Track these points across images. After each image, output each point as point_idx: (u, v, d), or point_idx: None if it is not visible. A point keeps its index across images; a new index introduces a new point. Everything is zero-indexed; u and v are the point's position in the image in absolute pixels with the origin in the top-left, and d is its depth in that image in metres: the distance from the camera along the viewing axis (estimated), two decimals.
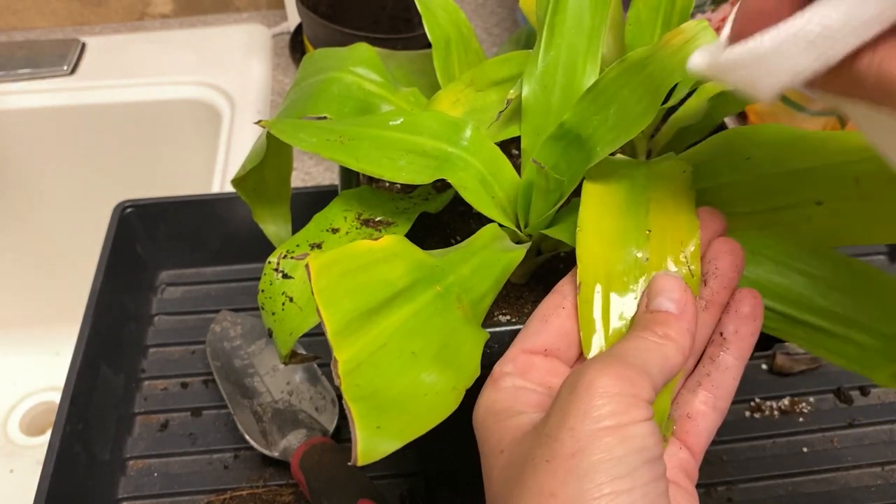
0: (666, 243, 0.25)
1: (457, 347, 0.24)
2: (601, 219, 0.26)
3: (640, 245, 0.26)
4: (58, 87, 0.76)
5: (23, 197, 0.82)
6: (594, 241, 0.26)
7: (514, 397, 0.24)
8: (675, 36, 0.27)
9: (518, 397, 0.24)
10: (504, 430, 0.23)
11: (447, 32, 0.36)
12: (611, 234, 0.26)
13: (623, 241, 0.26)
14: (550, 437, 0.21)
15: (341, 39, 0.63)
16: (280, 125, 0.30)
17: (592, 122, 0.29)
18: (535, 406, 0.24)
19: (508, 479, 0.22)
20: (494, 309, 0.31)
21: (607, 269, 0.25)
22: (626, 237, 0.26)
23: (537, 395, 0.24)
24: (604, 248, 0.26)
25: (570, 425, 0.21)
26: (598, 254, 0.26)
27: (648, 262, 0.25)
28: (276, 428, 0.47)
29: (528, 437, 0.22)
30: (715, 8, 0.66)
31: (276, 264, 0.29)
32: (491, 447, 0.23)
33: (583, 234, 0.26)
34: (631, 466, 0.20)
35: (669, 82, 0.27)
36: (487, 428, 0.24)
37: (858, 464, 0.48)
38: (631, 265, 0.25)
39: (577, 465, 0.20)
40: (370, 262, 0.25)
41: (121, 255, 0.53)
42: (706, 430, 0.25)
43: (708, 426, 0.26)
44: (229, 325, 0.53)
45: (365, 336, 0.23)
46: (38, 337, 0.87)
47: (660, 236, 0.26)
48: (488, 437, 0.24)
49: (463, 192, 0.29)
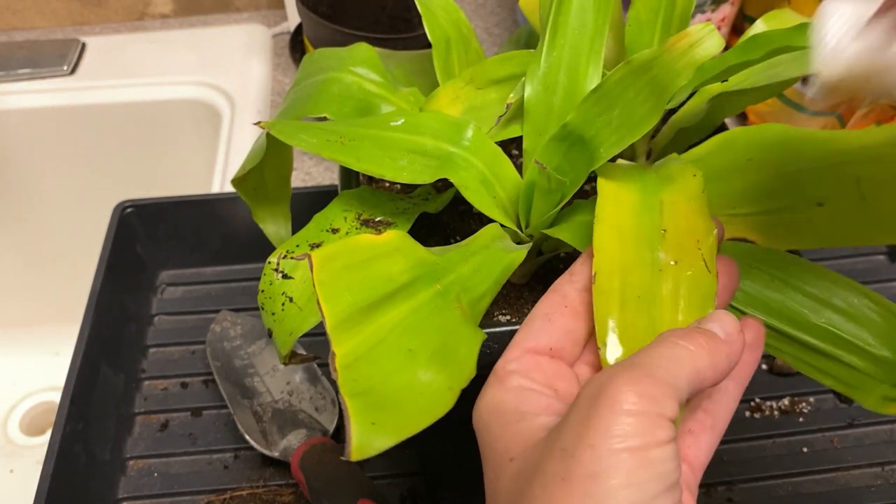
0: (683, 243, 0.25)
1: (454, 347, 0.24)
2: (618, 214, 0.26)
3: (656, 243, 0.25)
4: (58, 87, 0.76)
5: (23, 197, 0.82)
6: (611, 235, 0.25)
7: (522, 398, 0.23)
8: (680, 39, 0.27)
9: (525, 399, 0.23)
10: (513, 434, 0.23)
11: (447, 32, 0.36)
12: (628, 230, 0.26)
13: (638, 238, 0.25)
14: (567, 453, 0.20)
15: (341, 39, 0.63)
16: (280, 126, 0.30)
17: (596, 123, 0.29)
18: (544, 410, 0.23)
19: (519, 492, 0.21)
20: (494, 309, 0.31)
21: (624, 263, 0.25)
22: (640, 235, 0.25)
23: (546, 399, 0.23)
24: (622, 243, 0.25)
25: (590, 442, 0.20)
26: (616, 248, 0.25)
27: (665, 259, 0.25)
28: (276, 428, 0.47)
29: (540, 447, 0.21)
30: (715, 8, 0.66)
31: (276, 264, 0.29)
32: (498, 452, 0.23)
33: (601, 227, 0.25)
34: (651, 494, 0.19)
35: (675, 86, 0.27)
36: (492, 430, 0.23)
37: (858, 464, 0.48)
38: (648, 262, 0.25)
39: (596, 489, 0.19)
40: (372, 256, 0.25)
41: (121, 255, 0.53)
42: (707, 445, 0.25)
43: (708, 443, 0.25)
44: (229, 325, 0.53)
45: (364, 331, 0.23)
46: (38, 337, 0.87)
47: (675, 236, 0.25)
48: (494, 441, 0.23)
49: (464, 192, 0.29)
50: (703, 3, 0.65)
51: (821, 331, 0.26)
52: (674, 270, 0.25)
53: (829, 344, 0.25)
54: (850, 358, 0.25)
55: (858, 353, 0.25)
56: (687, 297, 0.24)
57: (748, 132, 0.30)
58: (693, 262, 0.25)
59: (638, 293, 0.24)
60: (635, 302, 0.24)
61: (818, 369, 0.26)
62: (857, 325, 0.25)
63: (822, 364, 0.26)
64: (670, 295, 0.24)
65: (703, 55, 0.27)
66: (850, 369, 0.25)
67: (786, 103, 0.66)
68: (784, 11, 0.37)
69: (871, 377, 0.25)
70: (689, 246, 0.25)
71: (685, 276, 0.24)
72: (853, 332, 0.25)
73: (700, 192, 0.26)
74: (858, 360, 0.25)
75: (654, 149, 0.38)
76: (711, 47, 0.27)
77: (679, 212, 0.26)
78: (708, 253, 0.25)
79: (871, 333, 0.25)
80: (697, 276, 0.24)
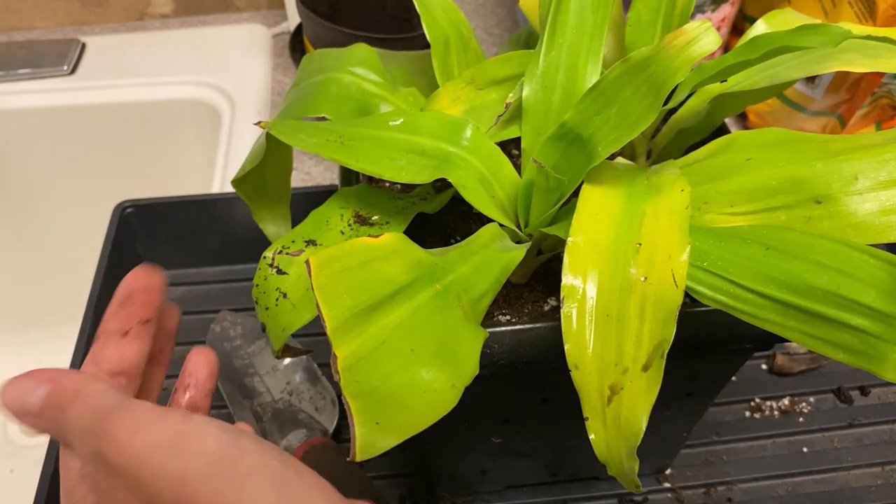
0: (654, 258, 0.25)
1: (456, 345, 0.25)
2: (595, 228, 0.26)
3: (630, 258, 0.25)
4: (58, 87, 0.76)
5: (23, 197, 0.82)
6: (587, 251, 0.26)
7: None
8: (677, 37, 0.27)
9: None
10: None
11: (446, 33, 0.36)
12: (605, 245, 0.26)
13: (614, 256, 0.26)
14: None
15: (341, 39, 0.63)
16: (279, 126, 0.30)
17: (594, 122, 0.29)
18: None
19: None
20: (494, 309, 0.31)
21: (598, 281, 0.25)
22: (616, 252, 0.26)
23: None
24: (593, 260, 0.26)
25: None
26: (588, 265, 0.26)
27: (636, 275, 0.25)
28: (276, 428, 0.47)
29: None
30: (715, 8, 0.66)
31: (272, 260, 0.29)
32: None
33: (575, 244, 0.26)
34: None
35: (671, 83, 0.27)
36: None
37: (858, 464, 0.48)
38: (619, 282, 0.25)
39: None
40: (370, 259, 0.25)
41: (121, 255, 0.53)
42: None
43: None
44: (229, 325, 0.53)
45: (364, 332, 0.23)
46: (38, 337, 0.87)
47: (649, 250, 0.25)
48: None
49: (463, 191, 0.29)
50: (703, 3, 0.65)
51: (824, 294, 0.24)
52: (642, 287, 0.25)
53: (833, 308, 0.24)
54: (858, 321, 0.23)
55: (866, 313, 0.23)
56: (652, 312, 0.25)
57: (748, 134, 0.30)
58: (661, 277, 0.25)
59: (607, 312, 0.25)
60: (604, 321, 0.25)
61: (826, 341, 0.24)
62: (861, 283, 0.24)
63: (829, 334, 0.24)
64: (637, 312, 0.25)
65: (700, 52, 0.27)
66: (860, 334, 0.23)
67: (786, 103, 0.66)
68: (785, 11, 0.37)
69: (883, 340, 0.23)
70: (660, 261, 0.25)
71: (651, 291, 0.25)
72: (859, 290, 0.24)
73: (684, 207, 0.26)
74: (868, 323, 0.23)
75: (654, 149, 0.38)
76: (708, 44, 0.27)
77: (658, 226, 0.26)
78: (677, 267, 0.25)
79: (878, 290, 0.23)
80: (663, 292, 0.24)
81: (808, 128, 0.66)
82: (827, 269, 0.24)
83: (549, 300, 0.32)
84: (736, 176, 0.29)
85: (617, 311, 0.25)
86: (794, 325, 0.24)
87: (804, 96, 0.64)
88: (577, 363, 0.25)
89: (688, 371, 0.36)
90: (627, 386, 0.24)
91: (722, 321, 0.27)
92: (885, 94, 0.64)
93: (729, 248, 0.26)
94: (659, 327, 0.24)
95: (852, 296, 0.24)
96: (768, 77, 0.33)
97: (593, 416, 0.25)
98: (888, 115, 0.66)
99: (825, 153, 0.28)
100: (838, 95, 0.63)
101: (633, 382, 0.24)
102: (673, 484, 0.47)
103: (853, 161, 0.27)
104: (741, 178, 0.29)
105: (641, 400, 0.24)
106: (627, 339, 0.25)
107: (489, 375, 0.28)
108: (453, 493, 0.46)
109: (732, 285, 0.25)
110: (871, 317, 0.23)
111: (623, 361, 0.25)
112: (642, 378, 0.24)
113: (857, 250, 0.24)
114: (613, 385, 0.25)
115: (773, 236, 0.26)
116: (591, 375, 0.25)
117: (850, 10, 0.58)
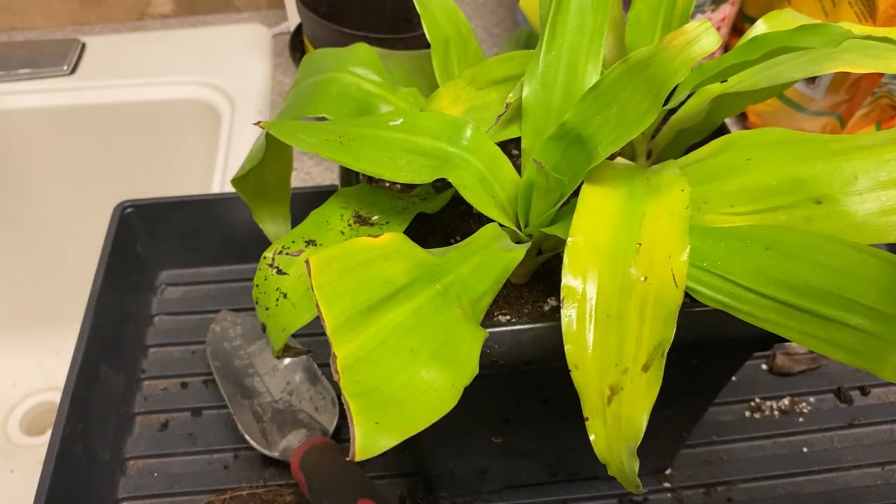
0: (654, 258, 0.25)
1: (456, 345, 0.25)
2: (595, 228, 0.26)
3: (630, 258, 0.25)
4: (58, 87, 0.76)
5: (23, 197, 0.82)
6: (587, 252, 0.26)
7: None
8: (677, 37, 0.27)
9: None
10: None
11: (446, 32, 0.36)
12: (605, 246, 0.26)
13: (613, 256, 0.26)
14: None
15: (341, 39, 0.63)
16: (279, 126, 0.30)
17: (594, 122, 0.29)
18: None
19: None
20: (494, 309, 0.31)
21: (598, 281, 0.25)
22: (616, 252, 0.26)
23: None
24: (593, 260, 0.26)
25: None
26: (588, 265, 0.26)
27: (636, 275, 0.25)
28: (276, 428, 0.47)
29: None
30: (715, 8, 0.66)
31: (272, 260, 0.29)
32: None
33: (575, 244, 0.26)
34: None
35: (671, 83, 0.27)
36: None
37: (858, 464, 0.48)
38: (619, 282, 0.25)
39: None
40: (370, 259, 0.25)
41: (121, 255, 0.53)
42: None
43: None
44: (229, 325, 0.53)
45: (364, 332, 0.23)
46: (38, 337, 0.87)
47: (649, 250, 0.25)
48: None
49: (463, 191, 0.29)
50: (703, 4, 0.65)
51: (824, 294, 0.24)
52: (642, 287, 0.25)
53: (833, 308, 0.24)
54: (858, 321, 0.23)
55: (866, 313, 0.23)
56: (652, 312, 0.25)
57: (748, 134, 0.30)
58: (661, 277, 0.25)
59: (607, 312, 0.25)
60: (604, 321, 0.25)
61: (826, 341, 0.24)
62: (861, 283, 0.24)
63: (829, 334, 0.24)
64: (637, 312, 0.25)
65: (700, 52, 0.27)
66: (861, 334, 0.23)
67: (786, 103, 0.66)
68: (785, 11, 0.37)
69: (883, 340, 0.23)
70: (660, 261, 0.25)
71: (651, 291, 0.25)
72: (859, 290, 0.24)
73: (684, 208, 0.26)
74: (868, 323, 0.23)
75: (655, 149, 0.38)
76: (708, 44, 0.27)
77: (658, 226, 0.26)
78: (677, 267, 0.25)
79: (878, 290, 0.23)
80: (662, 292, 0.24)
81: (808, 128, 0.66)
82: (827, 269, 0.24)
83: (549, 300, 0.32)
84: (736, 176, 0.29)
85: (617, 311, 0.25)
86: (794, 325, 0.24)
87: (804, 96, 0.64)
88: (578, 363, 0.25)
89: (688, 371, 0.36)
90: (627, 386, 0.25)
91: (722, 321, 0.27)
92: (885, 94, 0.64)
93: (729, 248, 0.26)
94: (659, 327, 0.24)
95: (852, 296, 0.24)
96: (768, 77, 0.33)
97: (593, 416, 0.25)
98: (888, 115, 0.65)
99: (825, 153, 0.28)
100: (838, 95, 0.63)
101: (634, 382, 0.24)
102: (673, 484, 0.47)
103: (853, 161, 0.27)
104: (741, 178, 0.29)
105: (641, 400, 0.24)
106: (627, 339, 0.25)
107: (489, 375, 0.28)
108: (453, 493, 0.46)
109: (732, 285, 0.25)
110: (871, 317, 0.23)
111: (623, 361, 0.25)
112: (642, 378, 0.24)
113: (858, 250, 0.24)
114: (613, 385, 0.25)
115: (773, 236, 0.26)
116: (591, 375, 0.25)
117: (850, 10, 0.58)
